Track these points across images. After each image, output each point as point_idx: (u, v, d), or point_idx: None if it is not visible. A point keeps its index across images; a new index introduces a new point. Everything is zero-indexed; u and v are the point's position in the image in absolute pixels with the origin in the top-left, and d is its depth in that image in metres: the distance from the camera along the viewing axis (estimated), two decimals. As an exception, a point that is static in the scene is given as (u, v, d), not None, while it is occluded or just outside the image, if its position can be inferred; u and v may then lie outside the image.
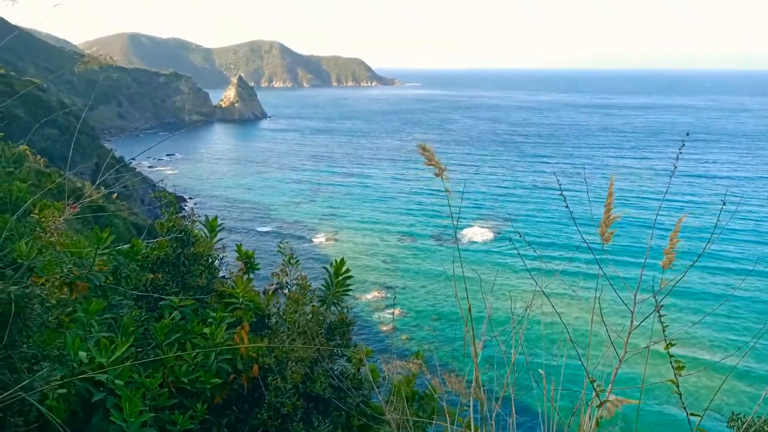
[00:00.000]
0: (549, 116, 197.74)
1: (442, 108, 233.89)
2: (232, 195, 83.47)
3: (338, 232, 64.69)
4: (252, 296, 3.59)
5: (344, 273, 3.85)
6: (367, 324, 41.82)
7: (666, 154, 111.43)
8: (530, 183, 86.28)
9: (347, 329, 3.62)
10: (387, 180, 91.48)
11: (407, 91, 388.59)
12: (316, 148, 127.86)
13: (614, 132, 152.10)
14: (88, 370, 2.75)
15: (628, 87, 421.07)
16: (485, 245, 58.18)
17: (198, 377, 3.11)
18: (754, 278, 48.09)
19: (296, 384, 3.18)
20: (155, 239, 3.63)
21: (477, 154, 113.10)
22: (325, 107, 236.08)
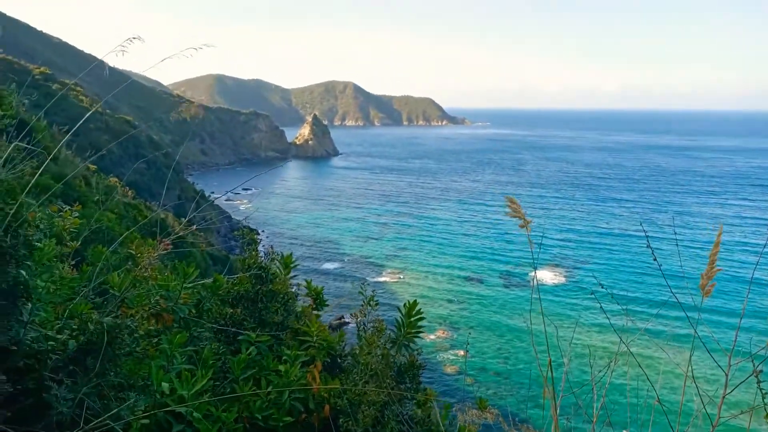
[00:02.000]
0: (626, 157, 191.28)
1: (513, 148, 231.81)
2: (302, 230, 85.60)
3: (404, 270, 64.62)
4: (325, 335, 3.63)
5: (416, 314, 3.82)
6: (432, 364, 41.10)
7: (759, 202, 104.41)
8: (605, 228, 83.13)
9: (417, 372, 3.57)
10: (456, 221, 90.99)
11: (477, 130, 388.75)
12: (386, 186, 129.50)
13: (698, 176, 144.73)
14: (169, 401, 2.85)
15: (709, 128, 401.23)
16: (554, 291, 56.21)
17: (271, 414, 3.15)
18: None
19: (367, 428, 3.15)
20: (231, 272, 3.77)
21: (549, 196, 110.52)
22: (395, 146, 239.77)
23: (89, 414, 2.53)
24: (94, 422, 2.47)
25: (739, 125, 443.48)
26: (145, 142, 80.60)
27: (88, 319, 2.79)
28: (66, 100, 64.93)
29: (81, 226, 3.90)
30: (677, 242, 71.25)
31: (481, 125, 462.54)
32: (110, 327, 2.91)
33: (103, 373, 2.88)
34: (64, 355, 2.68)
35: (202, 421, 2.80)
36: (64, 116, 34.53)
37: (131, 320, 3.03)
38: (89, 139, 51.57)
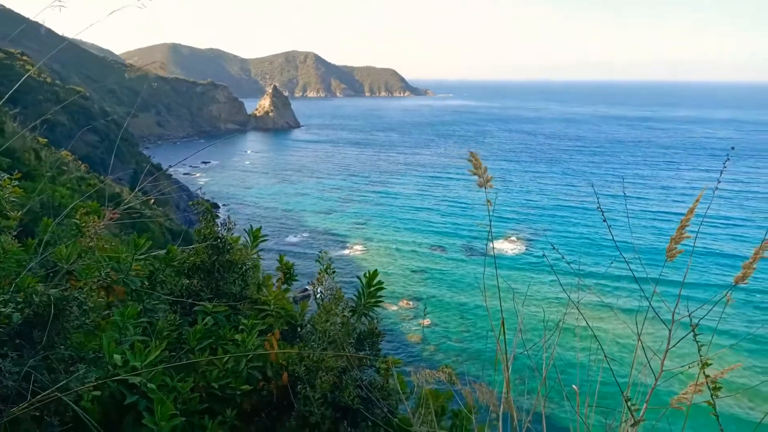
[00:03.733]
0: (586, 129, 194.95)
1: (476, 119, 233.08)
2: (263, 203, 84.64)
3: (368, 242, 64.86)
4: (284, 304, 3.62)
5: (376, 284, 3.85)
6: (395, 334, 41.70)
7: (714, 172, 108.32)
8: (565, 196, 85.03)
9: (377, 340, 3.61)
10: (419, 192, 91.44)
11: (440, 101, 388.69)
12: (349, 158, 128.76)
13: (653, 146, 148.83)
14: (122, 372, 2.80)
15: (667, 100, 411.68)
16: (516, 258, 57.49)
17: (228, 383, 3.14)
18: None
19: (325, 393, 3.18)
20: (190, 245, 3.70)
21: (511, 168, 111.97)
22: (358, 118, 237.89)
23: (37, 387, 2.47)
24: (41, 395, 2.42)
25: (698, 97, 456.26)
26: (97, 113, 77.65)
27: (33, 291, 2.71)
28: (11, 70, 61.74)
29: (26, 198, 3.75)
30: (628, 214, 73.52)
31: (444, 96, 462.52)
32: (57, 299, 2.83)
33: (51, 345, 2.81)
34: (8, 329, 2.60)
35: (156, 391, 2.77)
36: (10, 87, 32.90)
37: (79, 292, 2.95)
38: (38, 112, 49.31)
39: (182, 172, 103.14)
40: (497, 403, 3.00)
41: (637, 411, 2.74)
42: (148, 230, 31.69)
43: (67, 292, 2.92)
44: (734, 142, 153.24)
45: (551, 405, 3.44)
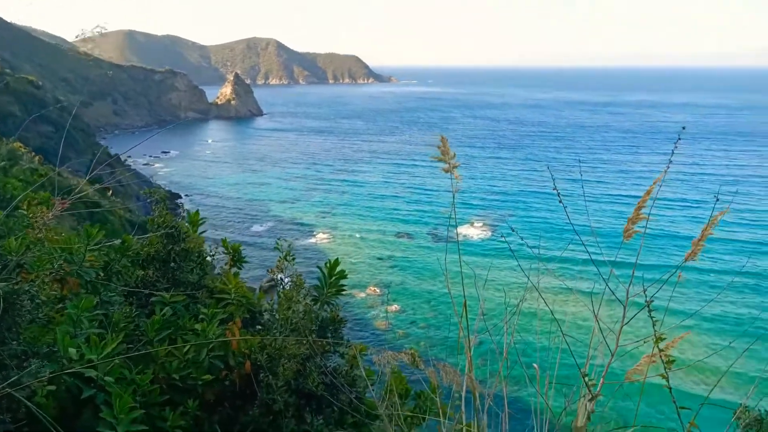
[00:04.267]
0: (548, 114, 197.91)
1: (441, 106, 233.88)
2: (227, 192, 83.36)
3: (334, 230, 64.69)
4: (244, 292, 3.57)
5: (337, 274, 3.83)
6: (363, 321, 41.84)
7: (666, 152, 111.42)
8: (528, 181, 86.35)
9: (339, 326, 3.60)
10: (384, 179, 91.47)
11: (404, 88, 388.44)
12: (313, 146, 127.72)
13: (614, 130, 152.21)
14: (77, 366, 2.73)
15: (626, 84, 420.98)
16: (481, 243, 58.25)
17: (189, 373, 3.10)
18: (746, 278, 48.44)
19: (288, 381, 3.17)
20: (147, 235, 3.61)
21: (476, 155, 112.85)
22: (322, 105, 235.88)
23: (-14, 384, 2.39)
24: (-10, 392, 2.34)
25: (656, 81, 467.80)
26: (51, 102, 74.80)
27: (-21, 285, 2.60)
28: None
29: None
30: (585, 198, 75.18)
31: (408, 83, 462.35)
32: (7, 293, 2.73)
33: (2, 341, 2.72)
34: (-47, 325, 2.49)
35: (114, 384, 2.71)
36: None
37: (30, 285, 2.86)
38: (-14, 101, 47.31)
39: (141, 162, 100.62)
40: (460, 382, 3.05)
41: (594, 386, 2.82)
42: (107, 222, 30.87)
43: (17, 286, 2.82)
44: (689, 125, 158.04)
45: (513, 385, 3.51)
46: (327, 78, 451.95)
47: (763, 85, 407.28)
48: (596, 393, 2.81)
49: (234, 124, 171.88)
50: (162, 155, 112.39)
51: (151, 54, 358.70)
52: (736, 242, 56.59)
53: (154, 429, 2.93)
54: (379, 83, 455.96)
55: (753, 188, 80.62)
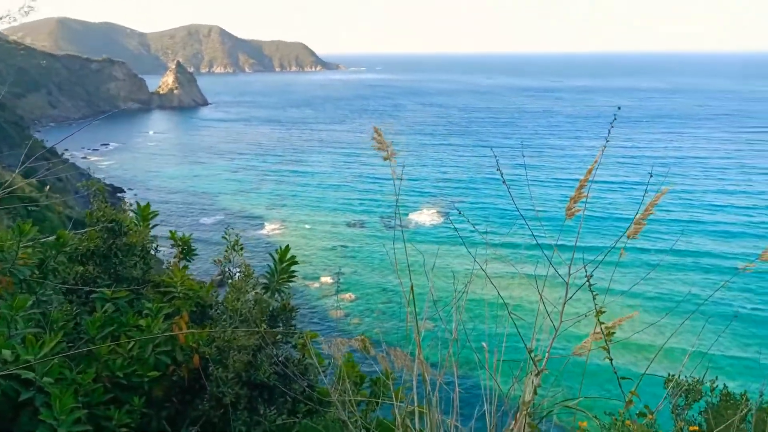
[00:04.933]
0: (496, 100, 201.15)
1: (391, 93, 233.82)
2: (174, 185, 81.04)
3: (286, 220, 64.03)
4: (191, 285, 3.49)
5: (288, 260, 3.80)
6: (318, 311, 41.72)
7: (605, 135, 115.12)
8: (477, 167, 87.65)
9: (290, 315, 3.58)
10: (335, 168, 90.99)
11: (353, 76, 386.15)
12: (262, 136, 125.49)
13: (558, 115, 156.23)
14: (13, 368, 2.61)
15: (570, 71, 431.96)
16: (433, 229, 58.90)
17: (134, 371, 3.01)
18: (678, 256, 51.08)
19: (239, 373, 3.12)
20: (84, 230, 3.47)
21: (426, 142, 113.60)
22: (269, 94, 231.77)
23: None
24: None
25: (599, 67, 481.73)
26: (-23, 94, 70.57)
27: None
28: None
29: None
30: (528, 181, 77.16)
31: (357, 70, 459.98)
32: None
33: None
34: None
35: (53, 385, 2.60)
36: None
37: (-43, 286, 2.70)
38: None
39: (80, 156, 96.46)
40: (411, 365, 3.09)
41: (539, 362, 2.91)
42: (45, 220, 29.52)
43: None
44: (629, 108, 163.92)
45: (465, 366, 3.58)
46: (273, 66, 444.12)
47: (691, 69, 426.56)
48: (542, 368, 2.90)
49: (178, 114, 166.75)
50: (102, 148, 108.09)
51: (86, 42, 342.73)
52: (672, 222, 59.40)
53: (98, 429, 2.84)
54: (327, 71, 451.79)
55: (687, 170, 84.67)
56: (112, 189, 72.34)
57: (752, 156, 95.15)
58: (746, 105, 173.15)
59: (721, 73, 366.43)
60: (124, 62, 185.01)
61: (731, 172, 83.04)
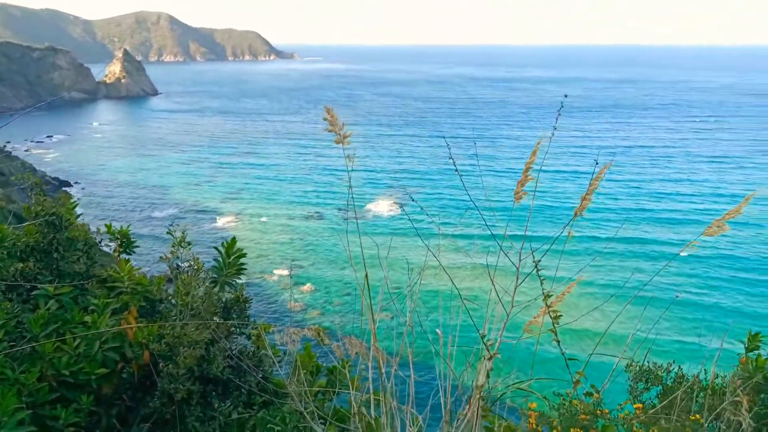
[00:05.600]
0: (452, 90, 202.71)
1: (347, 84, 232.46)
2: (122, 178, 78.47)
3: (241, 213, 63.02)
4: (139, 279, 3.39)
5: (236, 253, 3.73)
6: (277, 303, 41.36)
7: (560, 126, 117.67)
8: (433, 158, 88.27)
9: (244, 307, 3.53)
10: (291, 159, 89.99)
11: (308, 65, 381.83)
12: (215, 127, 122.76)
13: (513, 105, 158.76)
14: (-53, 371, 2.49)
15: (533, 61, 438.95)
16: (390, 220, 59.09)
17: (81, 368, 2.92)
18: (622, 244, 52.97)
19: (191, 368, 3.06)
20: (22, 224, 3.32)
21: (384, 134, 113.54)
22: (223, 84, 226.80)
23: None
24: None
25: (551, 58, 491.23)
26: None
27: None
28: None
29: None
30: (480, 170, 78.43)
31: (312, 60, 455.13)
32: None
33: None
34: None
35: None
36: None
37: None
38: None
39: (22, 148, 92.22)
40: (366, 353, 3.10)
41: (492, 346, 2.98)
42: (-16, 216, 28.09)
43: None
44: (580, 98, 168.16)
45: (420, 353, 3.62)
46: (226, 55, 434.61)
47: (640, 59, 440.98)
48: (494, 353, 2.96)
49: (126, 104, 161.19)
50: (46, 140, 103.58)
51: (28, 29, 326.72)
52: (621, 210, 61.46)
53: (44, 429, 2.75)
54: (281, 60, 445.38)
55: (635, 158, 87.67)
56: (58, 183, 69.50)
57: (697, 144, 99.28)
58: (692, 95, 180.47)
59: (671, 65, 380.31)
60: (68, 50, 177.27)
61: (677, 161, 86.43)
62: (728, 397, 3.56)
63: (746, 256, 49.43)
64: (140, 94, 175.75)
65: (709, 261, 47.68)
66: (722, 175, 77.27)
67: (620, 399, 4.19)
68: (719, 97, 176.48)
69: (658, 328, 34.28)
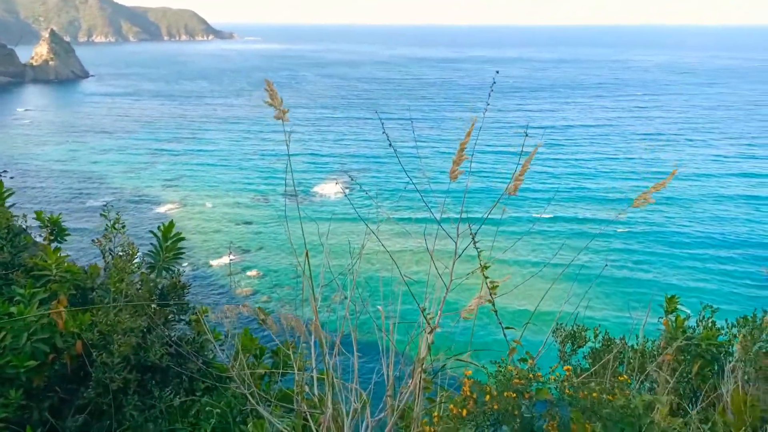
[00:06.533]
0: (396, 71, 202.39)
1: (291, 65, 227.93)
2: (54, 167, 74.60)
3: (184, 199, 61.27)
4: (68, 267, 3.25)
5: (174, 237, 3.63)
6: (224, 289, 40.69)
7: (501, 108, 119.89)
8: (381, 139, 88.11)
9: (182, 293, 3.45)
10: (234, 143, 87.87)
11: (248, 45, 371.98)
12: (153, 111, 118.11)
13: (457, 86, 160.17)
14: None
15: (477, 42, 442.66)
16: (338, 202, 58.88)
17: (8, 362, 2.79)
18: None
19: (127, 356, 2.98)
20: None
21: (329, 116, 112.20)
22: (159, 65, 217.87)
23: None
24: None
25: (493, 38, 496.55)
26: None
27: None
28: None
29: None
30: (417, 149, 79.22)
31: (252, 40, 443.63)
32: None
33: None
34: None
35: None
36: None
37: None
38: None
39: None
40: (308, 333, 3.10)
41: (432, 320, 3.04)
42: None
43: None
44: (521, 79, 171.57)
45: (362, 328, 3.65)
46: (161, 35, 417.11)
47: (581, 40, 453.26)
48: (434, 326, 3.03)
49: (55, 88, 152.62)
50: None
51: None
52: (562, 190, 63.49)
53: (-31, 428, 2.62)
54: (220, 40, 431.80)
55: (574, 136, 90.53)
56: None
57: (632, 122, 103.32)
58: (627, 74, 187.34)
59: (607, 44, 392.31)
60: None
61: (613, 139, 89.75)
62: (652, 359, 3.78)
63: (680, 231, 52.09)
64: (70, 77, 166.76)
65: (644, 236, 49.98)
66: (656, 152, 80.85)
67: (559, 367, 4.37)
68: (653, 75, 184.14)
69: (592, 305, 35.73)
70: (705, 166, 73.69)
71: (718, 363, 4.80)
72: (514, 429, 2.37)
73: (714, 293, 40.12)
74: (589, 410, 2.31)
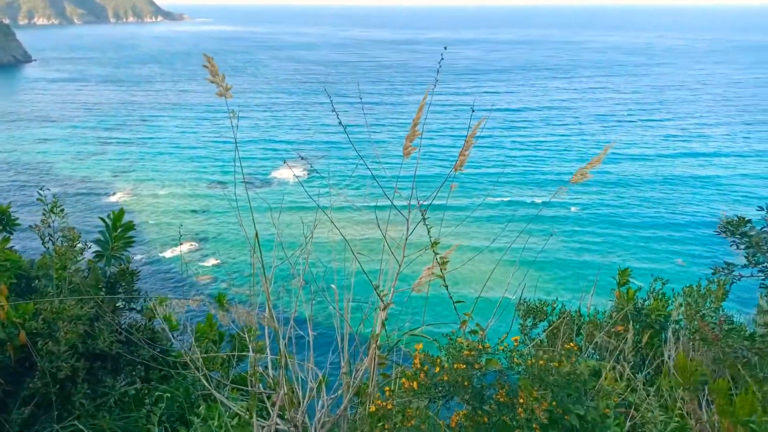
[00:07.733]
0: (353, 54, 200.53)
1: (245, 47, 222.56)
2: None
3: (137, 187, 59.58)
4: (9, 255, 3.13)
5: (124, 225, 3.54)
6: (182, 278, 39.97)
7: (457, 90, 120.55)
8: (334, 125, 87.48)
9: (131, 280, 3.37)
10: (188, 129, 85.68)
11: (200, 27, 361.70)
12: (101, 96, 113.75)
13: (414, 68, 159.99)
14: None
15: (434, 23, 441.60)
16: (296, 186, 58.31)
17: (-54, 356, 2.68)
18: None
19: (74, 344, 2.90)
20: None
21: (286, 101, 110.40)
22: (106, 49, 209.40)
23: None
24: None
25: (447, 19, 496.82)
26: None
27: None
28: None
29: None
30: (369, 130, 79.28)
31: (204, 22, 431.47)
32: None
33: None
34: None
35: None
36: None
37: None
38: None
39: None
40: (259, 318, 3.09)
41: (386, 296, 3.07)
42: None
43: None
44: (477, 60, 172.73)
45: (317, 307, 3.66)
46: (108, 17, 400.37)
47: (536, 20, 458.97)
48: (388, 302, 3.06)
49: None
50: None
51: None
52: (516, 174, 64.59)
53: None
54: (170, 22, 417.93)
55: (530, 118, 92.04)
56: None
57: (585, 103, 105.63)
58: (582, 55, 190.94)
59: (564, 25, 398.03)
60: None
61: (567, 119, 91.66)
62: (604, 328, 3.93)
63: (627, 212, 53.75)
64: (11, 62, 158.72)
65: (596, 217, 51.41)
66: (608, 134, 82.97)
67: (508, 338, 4.50)
68: (606, 56, 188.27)
69: (545, 287, 36.54)
70: (655, 145, 76.20)
71: (666, 332, 5.04)
72: (464, 399, 2.44)
73: (663, 273, 41.72)
74: (536, 377, 2.39)
